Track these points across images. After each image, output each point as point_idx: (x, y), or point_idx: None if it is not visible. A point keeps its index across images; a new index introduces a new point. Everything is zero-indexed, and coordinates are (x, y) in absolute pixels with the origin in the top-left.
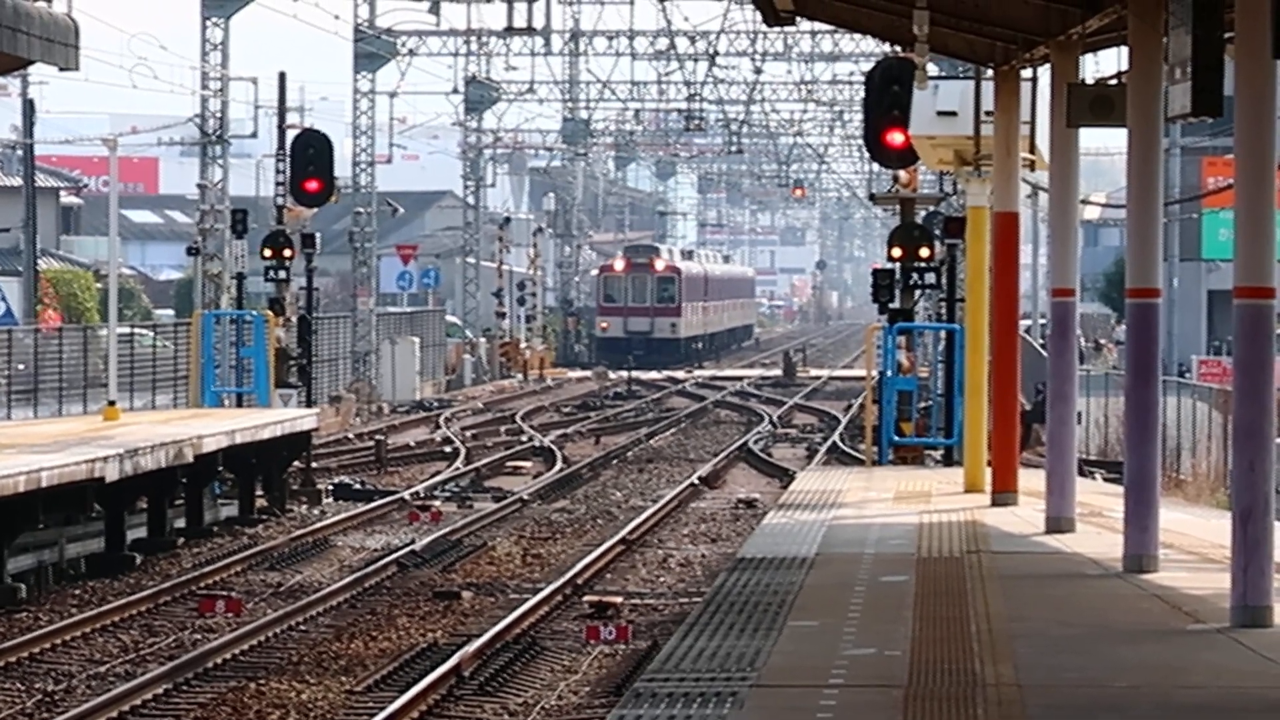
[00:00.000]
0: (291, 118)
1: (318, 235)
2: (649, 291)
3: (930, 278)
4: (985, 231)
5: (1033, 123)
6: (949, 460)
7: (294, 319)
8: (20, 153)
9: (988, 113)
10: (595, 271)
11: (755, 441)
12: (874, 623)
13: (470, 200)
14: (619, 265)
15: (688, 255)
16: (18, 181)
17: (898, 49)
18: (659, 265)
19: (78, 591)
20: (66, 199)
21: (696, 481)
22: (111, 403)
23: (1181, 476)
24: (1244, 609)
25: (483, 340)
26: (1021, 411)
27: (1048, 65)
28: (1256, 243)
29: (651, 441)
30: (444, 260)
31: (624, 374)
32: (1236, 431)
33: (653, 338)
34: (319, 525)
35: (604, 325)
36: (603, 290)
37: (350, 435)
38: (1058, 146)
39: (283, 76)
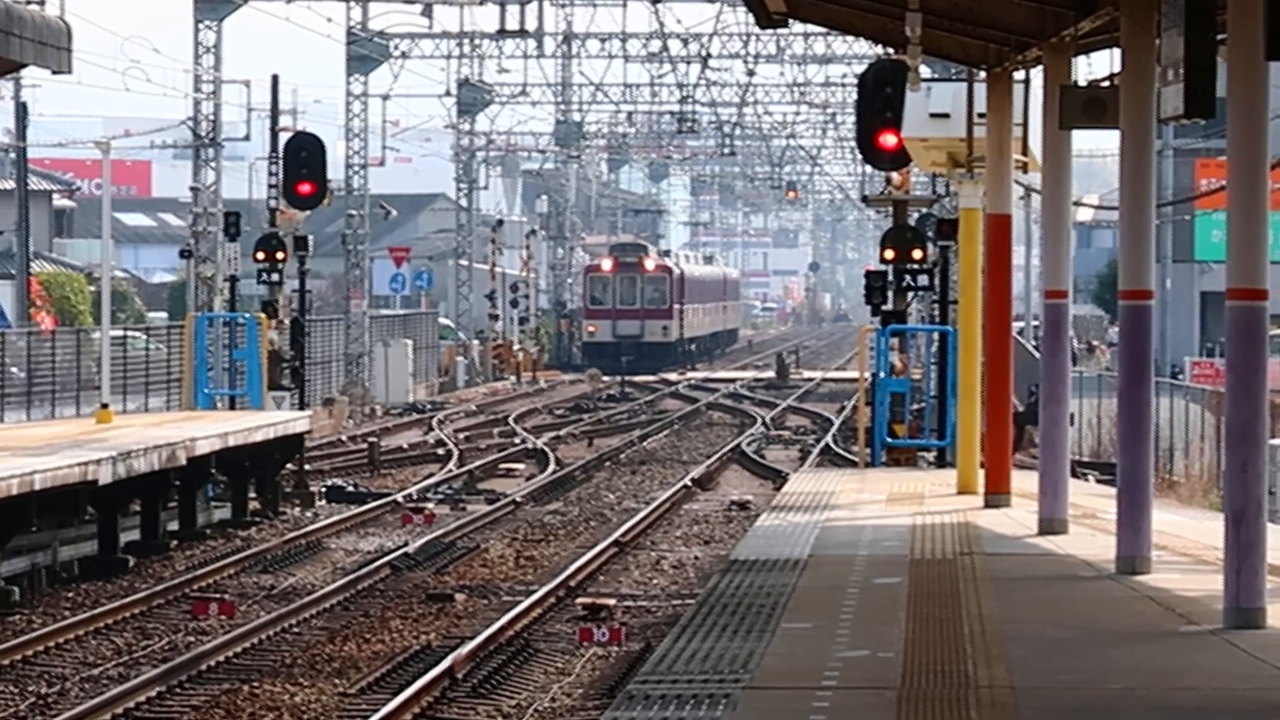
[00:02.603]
0: (284, 120)
1: (310, 238)
2: (639, 293)
3: (923, 279)
4: (978, 233)
5: (1025, 125)
6: (942, 462)
7: (287, 321)
8: (13, 156)
9: (980, 115)
10: (581, 272)
11: (748, 443)
12: (867, 624)
13: (463, 203)
14: (606, 265)
15: (664, 255)
16: (10, 185)
17: (890, 51)
18: (649, 265)
19: (71, 594)
20: (59, 202)
21: (689, 483)
22: (104, 405)
23: (1174, 478)
24: (1237, 610)
25: (476, 342)
26: (1014, 413)
27: (1040, 67)
28: (1249, 244)
29: (644, 443)
30: (437, 262)
31: (616, 377)
32: (1229, 433)
33: (644, 342)
34: (312, 528)
35: (591, 329)
36: (589, 291)
37: (343, 438)
38: (1050, 148)
39: (275, 79)
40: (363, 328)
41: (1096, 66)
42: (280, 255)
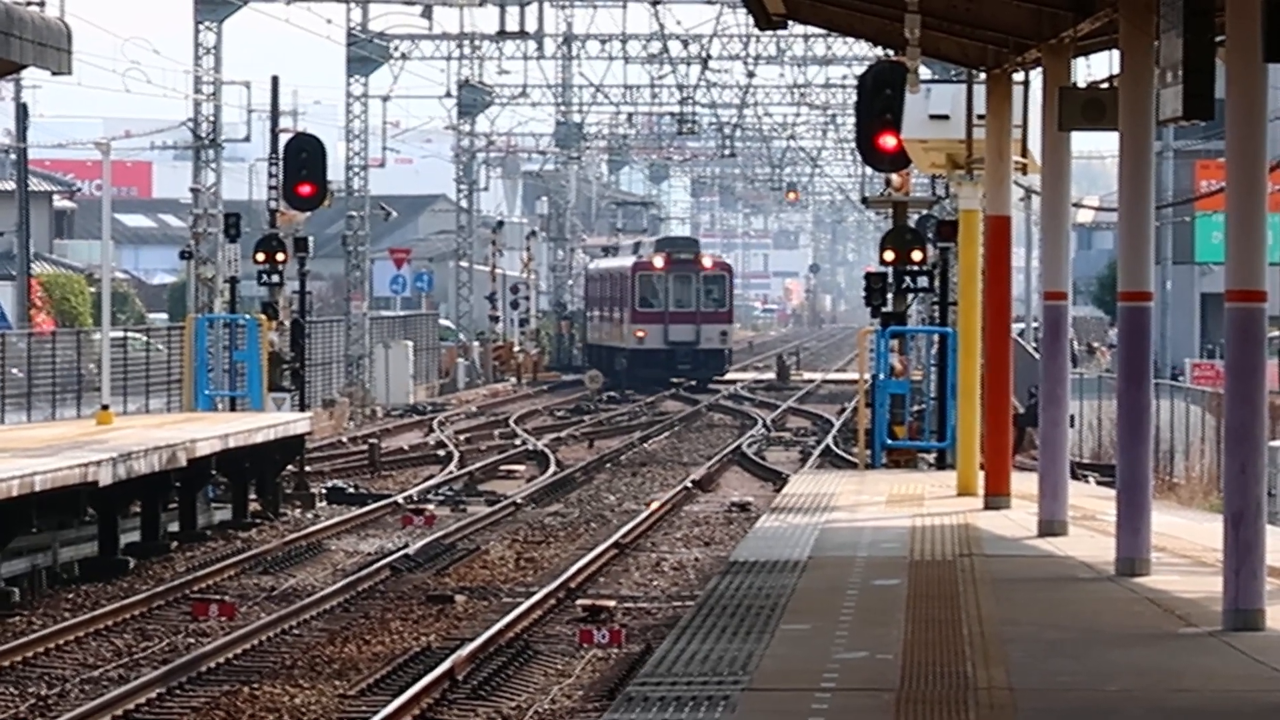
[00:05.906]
0: (284, 122)
1: (311, 239)
2: (695, 294)
3: (923, 281)
4: (977, 235)
5: (1025, 126)
6: (942, 463)
7: (287, 323)
8: (13, 157)
9: (979, 116)
10: (628, 269)
11: (749, 445)
12: (866, 626)
13: (463, 204)
14: (658, 262)
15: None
16: (11, 185)
17: (890, 53)
18: (707, 262)
19: (71, 595)
20: (60, 203)
21: (690, 485)
22: (105, 407)
23: (1174, 479)
24: (1236, 612)
25: (476, 344)
26: (1014, 415)
27: (1039, 69)
28: (1248, 246)
29: (645, 445)
30: (437, 264)
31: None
32: (1228, 434)
33: (699, 349)
34: (312, 529)
35: (640, 333)
36: (638, 292)
37: (344, 439)
38: (1050, 150)
39: (275, 80)
40: (363, 329)
41: (1095, 68)
42: (280, 256)
